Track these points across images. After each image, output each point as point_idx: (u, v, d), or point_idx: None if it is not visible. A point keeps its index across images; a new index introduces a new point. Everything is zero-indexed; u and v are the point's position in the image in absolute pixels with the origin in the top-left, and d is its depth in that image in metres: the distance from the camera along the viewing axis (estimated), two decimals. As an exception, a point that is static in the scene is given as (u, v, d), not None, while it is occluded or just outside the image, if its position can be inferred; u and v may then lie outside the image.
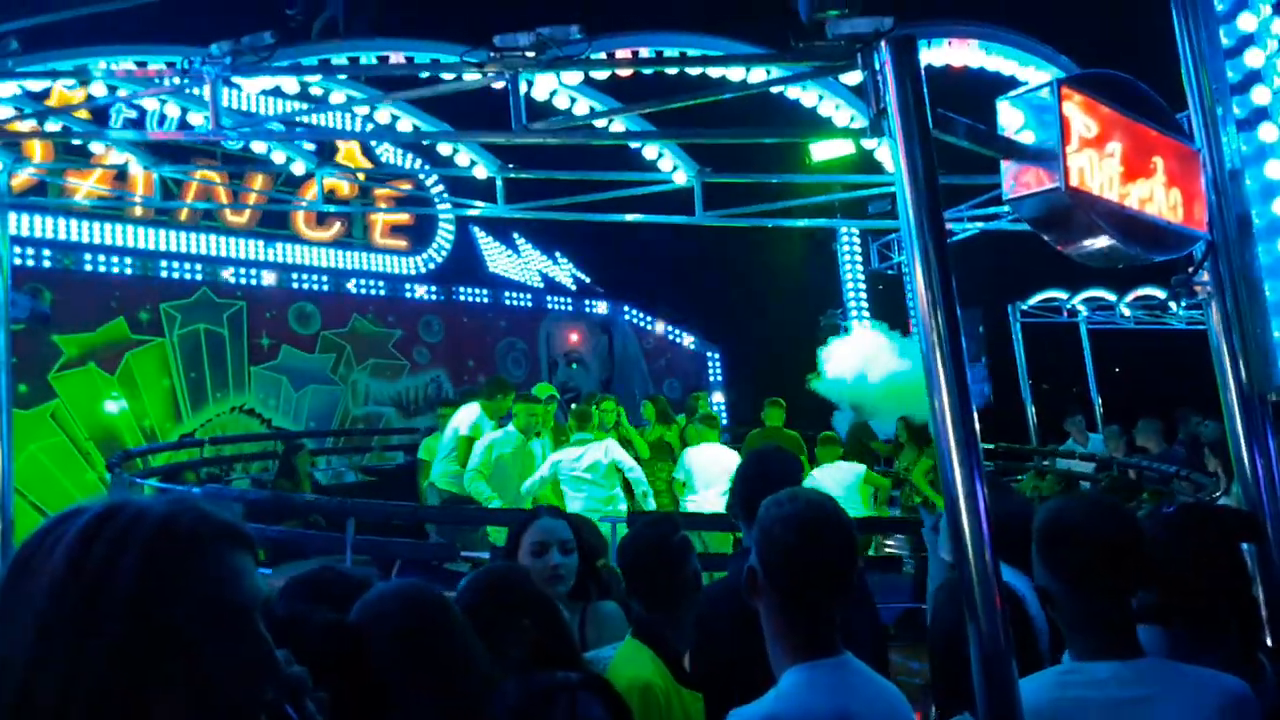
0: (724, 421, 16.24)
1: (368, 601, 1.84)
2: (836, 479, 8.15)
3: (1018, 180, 3.01)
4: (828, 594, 1.91)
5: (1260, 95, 3.61)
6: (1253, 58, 3.63)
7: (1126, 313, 15.54)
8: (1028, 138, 3.01)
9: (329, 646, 1.59)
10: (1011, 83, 3.94)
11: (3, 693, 0.86)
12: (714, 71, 4.24)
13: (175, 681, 0.89)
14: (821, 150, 11.16)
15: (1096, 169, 3.06)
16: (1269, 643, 3.15)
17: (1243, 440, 3.40)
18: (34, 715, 0.85)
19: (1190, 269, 3.55)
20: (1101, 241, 3.09)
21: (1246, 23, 3.65)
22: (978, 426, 2.39)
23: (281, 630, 1.47)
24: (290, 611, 1.64)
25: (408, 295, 14.36)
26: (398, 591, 1.92)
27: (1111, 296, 15.28)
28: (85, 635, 0.86)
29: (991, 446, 11.47)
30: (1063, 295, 15.34)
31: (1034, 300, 15.24)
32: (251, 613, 0.97)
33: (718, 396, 16.46)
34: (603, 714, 1.62)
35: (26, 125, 5.53)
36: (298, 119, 8.90)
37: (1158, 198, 3.34)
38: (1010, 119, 3.04)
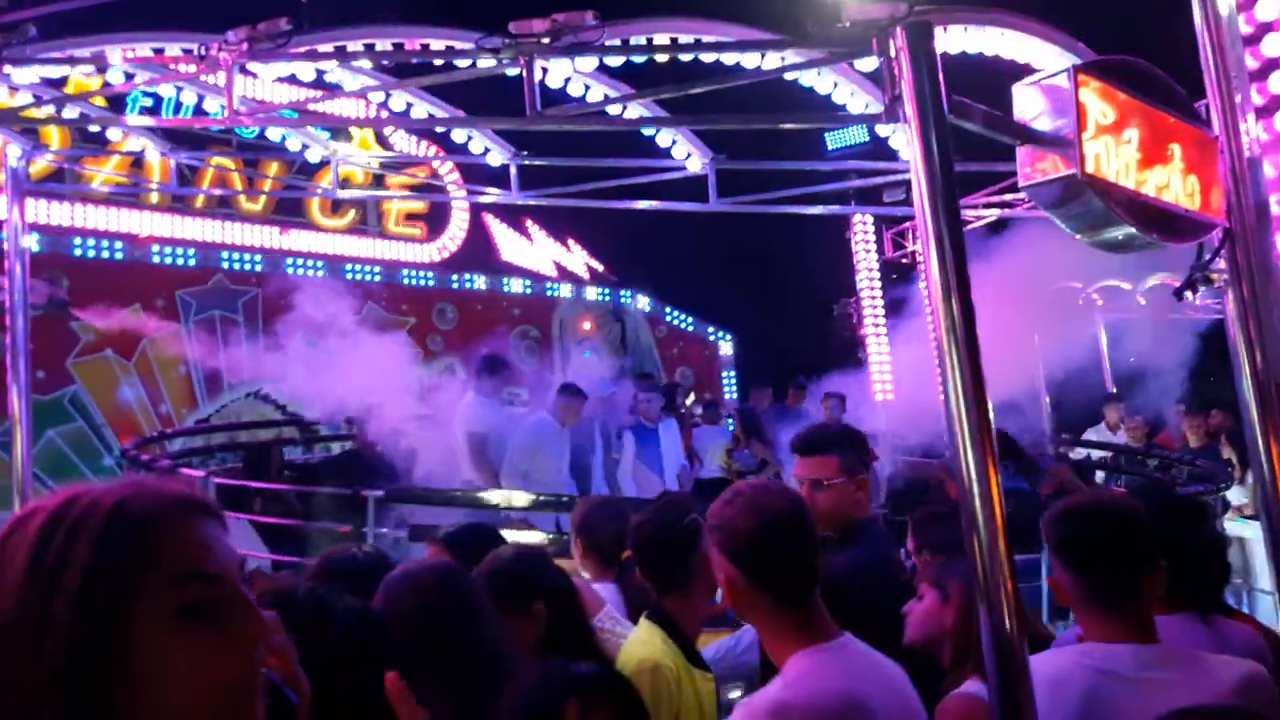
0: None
1: (390, 582, 1.85)
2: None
3: (1034, 167, 2.99)
4: (805, 562, 1.96)
5: (1279, 83, 3.58)
6: (1271, 45, 3.60)
7: (1142, 302, 15.40)
8: (1044, 124, 2.99)
9: (355, 634, 1.59)
10: (1027, 69, 3.92)
11: None
12: (728, 58, 4.23)
13: (152, 667, 0.88)
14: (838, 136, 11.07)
15: (1113, 155, 3.05)
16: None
17: (1258, 429, 3.39)
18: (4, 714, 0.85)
19: (1207, 257, 3.53)
20: (1117, 229, 3.08)
21: (1265, 10, 3.62)
22: (992, 414, 2.39)
23: (306, 616, 1.47)
24: (314, 597, 1.65)
25: (421, 283, 14.38)
26: (421, 574, 1.93)
27: (1127, 286, 15.15)
28: (46, 632, 0.86)
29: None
30: (1076, 285, 15.21)
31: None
32: (225, 580, 0.95)
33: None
34: None
35: (44, 112, 5.56)
36: (312, 106, 8.91)
37: (1174, 185, 3.32)
38: (1026, 105, 3.02)
